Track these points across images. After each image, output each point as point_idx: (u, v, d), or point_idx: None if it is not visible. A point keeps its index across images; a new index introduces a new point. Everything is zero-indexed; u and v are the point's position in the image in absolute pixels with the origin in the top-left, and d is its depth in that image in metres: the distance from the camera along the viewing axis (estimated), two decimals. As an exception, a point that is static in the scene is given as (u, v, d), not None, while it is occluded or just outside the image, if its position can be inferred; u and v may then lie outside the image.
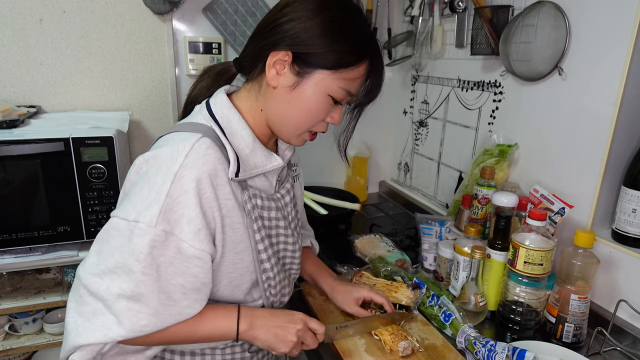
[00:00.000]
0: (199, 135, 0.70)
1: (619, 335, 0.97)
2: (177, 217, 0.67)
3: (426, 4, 1.49)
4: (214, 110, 0.77)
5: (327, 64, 0.72)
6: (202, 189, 0.69)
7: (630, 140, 1.01)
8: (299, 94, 0.74)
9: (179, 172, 0.67)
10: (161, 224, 0.66)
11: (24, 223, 1.15)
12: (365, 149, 1.87)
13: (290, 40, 0.71)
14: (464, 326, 0.93)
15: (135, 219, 0.66)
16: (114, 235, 0.68)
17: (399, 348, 0.89)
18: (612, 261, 1.01)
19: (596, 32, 1.01)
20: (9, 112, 1.21)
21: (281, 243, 0.86)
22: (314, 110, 0.75)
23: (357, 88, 0.77)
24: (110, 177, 1.18)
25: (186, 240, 0.68)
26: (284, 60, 0.72)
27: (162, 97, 1.57)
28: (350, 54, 0.72)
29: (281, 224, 0.84)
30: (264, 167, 0.79)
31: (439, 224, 1.27)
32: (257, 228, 0.78)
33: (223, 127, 0.75)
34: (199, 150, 0.69)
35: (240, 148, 0.76)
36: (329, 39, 0.70)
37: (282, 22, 0.72)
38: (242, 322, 0.76)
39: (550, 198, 1.07)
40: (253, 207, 0.77)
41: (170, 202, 0.66)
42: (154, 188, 0.67)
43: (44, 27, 1.39)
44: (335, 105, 0.77)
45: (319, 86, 0.73)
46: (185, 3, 1.48)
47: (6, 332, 1.30)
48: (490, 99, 1.34)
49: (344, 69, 0.72)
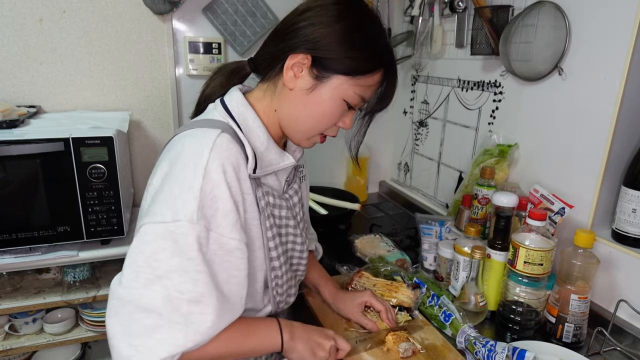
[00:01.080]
0: (219, 131, 0.71)
1: (619, 335, 0.97)
2: (213, 212, 0.67)
3: (426, 4, 1.49)
4: (230, 107, 0.77)
5: (345, 70, 0.73)
6: (231, 182, 0.69)
7: (630, 140, 1.01)
8: (316, 97, 0.75)
9: (208, 165, 0.66)
10: (202, 220, 0.65)
11: (24, 223, 1.15)
12: (365, 149, 1.87)
13: (310, 44, 0.72)
14: (463, 326, 0.93)
15: (174, 218, 0.64)
16: (151, 241, 0.65)
17: (400, 349, 0.89)
18: (612, 261, 1.01)
19: (596, 32, 1.01)
20: (9, 112, 1.21)
21: (290, 242, 0.87)
22: (328, 114, 0.77)
23: (371, 95, 0.78)
24: (110, 177, 1.18)
25: (225, 235, 0.68)
26: (303, 63, 0.73)
27: (162, 97, 1.57)
28: (368, 62, 0.74)
29: (291, 223, 0.85)
30: (277, 165, 0.80)
31: (439, 224, 1.27)
32: (269, 225, 0.79)
33: (240, 124, 0.76)
34: (222, 144, 0.69)
35: (255, 145, 0.76)
36: (348, 45, 0.72)
37: (303, 26, 0.73)
38: (285, 332, 0.78)
39: (550, 198, 1.07)
40: (266, 205, 0.79)
41: (205, 196, 0.66)
42: (186, 184, 0.65)
43: (44, 27, 1.39)
44: (348, 110, 0.79)
45: (336, 91, 0.74)
46: (185, 3, 1.48)
47: (6, 332, 1.30)
48: (490, 99, 1.34)
49: (361, 76, 0.74)
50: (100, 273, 1.42)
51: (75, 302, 1.29)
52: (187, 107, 1.59)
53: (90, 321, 1.35)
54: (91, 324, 1.35)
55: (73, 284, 1.32)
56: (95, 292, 1.31)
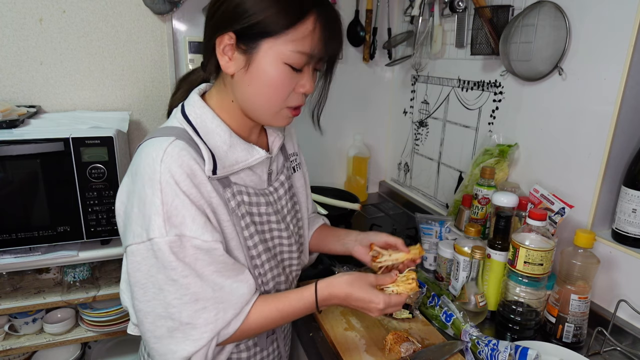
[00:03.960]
0: (171, 139, 0.70)
1: (619, 335, 0.97)
2: (181, 219, 0.68)
3: (426, 4, 1.49)
4: (187, 112, 0.77)
5: (269, 30, 0.68)
6: (187, 189, 0.69)
7: (630, 140, 1.01)
8: (255, 72, 0.71)
9: (161, 179, 0.67)
10: (171, 230, 0.67)
11: (24, 223, 1.15)
12: (365, 149, 1.87)
13: (227, 21, 0.70)
14: (465, 326, 0.93)
15: (148, 237, 0.67)
16: (141, 260, 0.69)
17: (402, 349, 0.89)
18: (612, 261, 1.01)
19: (596, 32, 1.01)
20: (9, 112, 1.21)
21: (275, 238, 0.86)
22: (275, 84, 0.72)
23: (311, 46, 0.70)
24: (110, 177, 1.18)
25: (198, 237, 0.69)
26: (229, 43, 0.70)
27: (162, 97, 1.57)
28: (289, 12, 0.68)
29: (273, 218, 0.84)
30: (245, 162, 0.78)
31: (439, 224, 1.27)
32: (244, 225, 0.78)
33: (197, 127, 0.75)
34: (172, 153, 0.69)
35: (217, 145, 0.75)
36: (261, 4, 0.68)
37: (217, 8, 0.71)
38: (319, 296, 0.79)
39: (550, 198, 1.07)
40: (238, 204, 0.77)
41: (168, 208, 0.67)
42: (147, 202, 0.67)
43: (44, 27, 1.39)
44: (299, 73, 0.73)
45: (270, 57, 0.70)
46: (185, 3, 1.48)
47: (6, 332, 1.30)
48: (490, 99, 1.34)
49: (287, 30, 0.68)
50: (100, 273, 1.42)
51: (75, 302, 1.29)
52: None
53: (90, 321, 1.35)
54: (91, 324, 1.35)
55: (73, 284, 1.32)
56: (95, 292, 1.31)
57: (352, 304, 0.80)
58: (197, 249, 0.69)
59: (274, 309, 0.77)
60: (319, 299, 0.79)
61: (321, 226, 1.08)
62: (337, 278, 0.81)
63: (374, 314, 0.80)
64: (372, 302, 0.78)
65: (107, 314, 1.34)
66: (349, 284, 0.79)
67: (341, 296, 0.79)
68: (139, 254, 0.69)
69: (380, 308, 0.78)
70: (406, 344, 0.90)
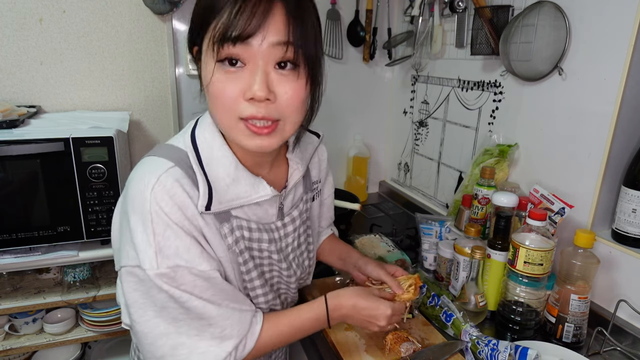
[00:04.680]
0: (168, 165, 0.65)
1: (619, 335, 0.97)
2: (174, 250, 0.64)
3: (426, 4, 1.49)
4: (197, 134, 0.71)
5: (203, 26, 0.62)
6: (178, 221, 0.64)
7: (630, 140, 1.01)
8: (205, 80, 0.64)
9: (151, 209, 0.63)
10: (163, 262, 0.63)
11: (24, 223, 1.15)
12: (365, 149, 1.87)
13: (190, 34, 0.67)
14: (465, 326, 0.93)
15: (141, 265, 0.64)
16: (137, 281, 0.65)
17: (402, 349, 0.89)
18: (612, 261, 1.01)
19: (596, 32, 1.01)
20: (9, 112, 1.21)
21: (275, 271, 0.81)
22: (215, 90, 0.63)
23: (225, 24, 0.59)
24: (110, 177, 1.18)
25: (195, 266, 0.66)
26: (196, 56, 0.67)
27: (162, 97, 1.57)
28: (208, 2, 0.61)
29: (275, 257, 0.79)
30: (248, 199, 0.71)
31: (439, 224, 1.27)
32: (242, 261, 0.74)
33: (202, 153, 0.69)
34: (165, 184, 0.64)
35: (219, 177, 0.69)
36: (196, 6, 0.64)
37: None
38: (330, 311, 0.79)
39: (550, 198, 1.07)
40: (236, 240, 0.72)
41: (160, 239, 0.63)
42: (138, 230, 0.63)
43: (44, 27, 1.39)
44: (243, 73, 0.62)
45: (208, 57, 0.62)
46: (185, 3, 1.48)
47: (6, 332, 1.30)
48: (490, 99, 1.34)
49: (214, 20, 0.60)
50: (100, 273, 1.42)
51: (75, 302, 1.29)
52: (187, 107, 1.59)
53: (90, 321, 1.35)
54: (91, 324, 1.35)
55: (73, 284, 1.32)
56: (95, 292, 1.31)
57: (360, 312, 0.80)
58: (195, 276, 0.66)
59: (285, 323, 0.76)
60: (329, 308, 0.78)
61: (328, 238, 1.07)
62: (344, 289, 0.82)
63: (382, 323, 0.80)
64: (379, 308, 0.80)
65: (107, 314, 1.34)
66: (355, 293, 0.81)
67: (349, 305, 0.80)
68: (133, 276, 0.65)
69: (388, 314, 0.80)
70: (406, 344, 0.90)
